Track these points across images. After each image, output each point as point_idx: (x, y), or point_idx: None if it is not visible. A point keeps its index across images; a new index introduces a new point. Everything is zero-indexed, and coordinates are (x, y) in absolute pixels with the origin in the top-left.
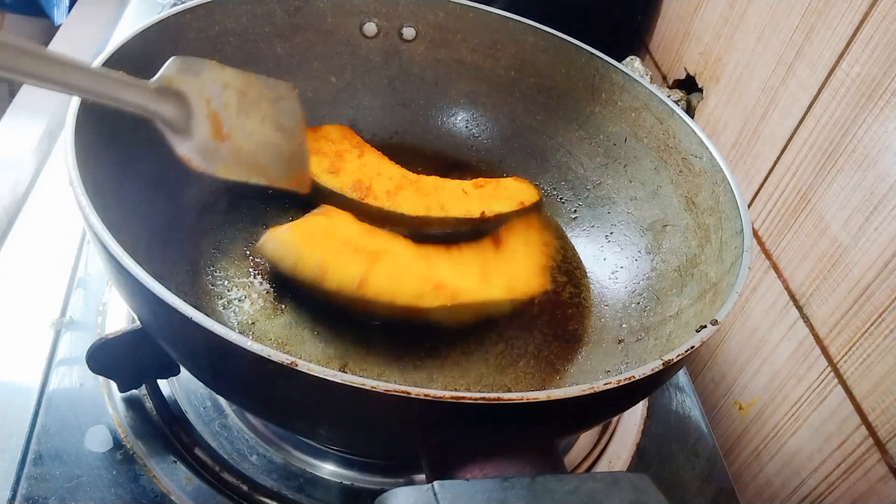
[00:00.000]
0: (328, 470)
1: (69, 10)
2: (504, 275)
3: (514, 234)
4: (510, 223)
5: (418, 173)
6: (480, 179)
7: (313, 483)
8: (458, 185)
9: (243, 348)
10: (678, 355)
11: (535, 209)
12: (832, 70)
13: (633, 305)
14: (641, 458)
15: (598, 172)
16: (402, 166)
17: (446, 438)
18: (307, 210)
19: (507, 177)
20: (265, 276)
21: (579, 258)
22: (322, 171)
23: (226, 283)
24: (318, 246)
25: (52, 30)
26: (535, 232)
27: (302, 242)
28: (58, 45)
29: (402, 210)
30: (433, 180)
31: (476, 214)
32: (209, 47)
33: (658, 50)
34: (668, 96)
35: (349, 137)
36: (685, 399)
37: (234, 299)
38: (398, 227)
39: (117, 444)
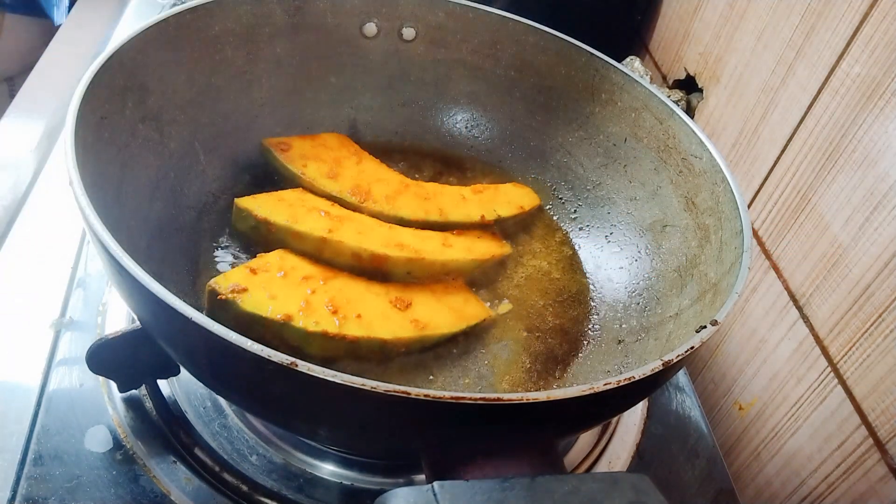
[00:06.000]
0: (328, 470)
1: (69, 10)
2: (463, 242)
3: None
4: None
5: (418, 173)
6: (479, 185)
7: (313, 483)
8: (457, 190)
9: (243, 348)
10: (678, 356)
11: (535, 214)
12: (832, 70)
13: (633, 305)
14: (641, 458)
15: (598, 172)
16: (402, 166)
17: (446, 438)
18: None
19: (507, 176)
20: None
21: (579, 258)
22: (321, 175)
23: None
24: (289, 207)
25: (52, 30)
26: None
27: (275, 202)
28: (58, 45)
29: (401, 214)
30: (432, 186)
31: (475, 219)
32: (209, 47)
33: (658, 50)
34: (668, 96)
35: (347, 145)
36: (685, 399)
37: None
38: None
39: (117, 444)
